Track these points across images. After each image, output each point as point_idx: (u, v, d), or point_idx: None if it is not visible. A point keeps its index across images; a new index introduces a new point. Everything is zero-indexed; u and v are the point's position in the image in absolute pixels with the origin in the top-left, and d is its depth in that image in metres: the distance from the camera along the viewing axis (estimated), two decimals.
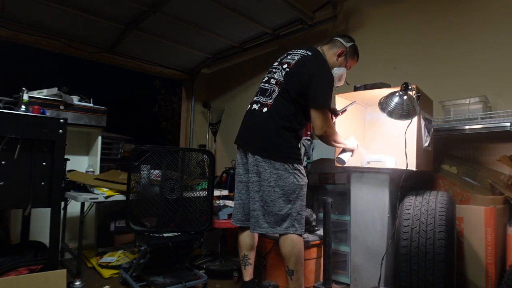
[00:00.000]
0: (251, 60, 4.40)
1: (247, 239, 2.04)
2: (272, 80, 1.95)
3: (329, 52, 2.04)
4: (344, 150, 2.07)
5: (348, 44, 2.05)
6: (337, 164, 2.12)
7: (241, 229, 2.06)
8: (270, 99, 1.89)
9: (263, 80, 2.02)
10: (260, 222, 1.85)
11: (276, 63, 2.04)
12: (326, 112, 1.84)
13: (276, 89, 1.89)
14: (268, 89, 1.93)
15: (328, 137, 1.89)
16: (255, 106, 1.95)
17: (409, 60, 2.89)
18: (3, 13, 3.19)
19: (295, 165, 1.86)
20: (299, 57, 1.93)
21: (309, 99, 1.84)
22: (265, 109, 1.88)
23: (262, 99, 1.93)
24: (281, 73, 1.92)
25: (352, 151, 2.08)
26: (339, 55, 2.03)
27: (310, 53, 1.94)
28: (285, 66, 1.94)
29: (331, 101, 1.91)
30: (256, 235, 2.07)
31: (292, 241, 1.82)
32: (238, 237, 2.07)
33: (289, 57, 1.98)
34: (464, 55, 2.61)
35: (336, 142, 1.95)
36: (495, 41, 2.46)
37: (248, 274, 2.03)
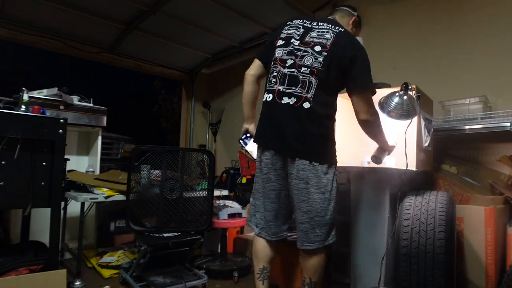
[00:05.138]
0: (251, 60, 4.39)
1: (268, 249, 1.74)
2: (303, 68, 1.61)
3: (343, 22, 1.80)
4: (381, 149, 1.83)
5: (356, 13, 1.88)
6: (372, 164, 1.94)
7: (261, 237, 1.76)
8: (309, 92, 1.58)
9: (284, 64, 1.66)
10: (310, 236, 1.62)
11: (294, 39, 1.67)
12: (371, 96, 1.66)
13: (313, 80, 1.59)
14: (298, 77, 1.61)
15: (373, 123, 1.67)
16: (288, 99, 1.61)
17: (409, 60, 2.89)
18: (3, 13, 3.19)
19: (335, 168, 1.69)
20: (332, 35, 1.62)
21: (353, 82, 1.61)
22: (306, 105, 1.58)
23: (296, 91, 1.60)
24: (315, 58, 1.60)
25: (389, 151, 1.86)
26: (353, 24, 1.85)
27: (341, 29, 1.66)
28: (317, 48, 1.61)
29: None
30: (275, 246, 1.78)
31: (322, 253, 1.68)
32: (255, 246, 1.77)
33: (314, 33, 1.66)
34: (464, 55, 2.61)
35: (380, 132, 1.74)
36: (495, 41, 2.47)
37: None
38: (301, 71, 1.61)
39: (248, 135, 1.91)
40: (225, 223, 2.60)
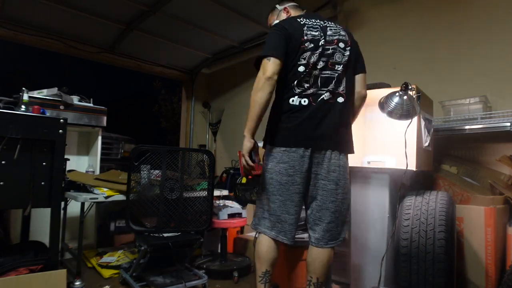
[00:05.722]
0: (251, 60, 4.40)
1: (273, 252, 1.69)
2: (336, 65, 1.67)
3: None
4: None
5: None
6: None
7: (266, 240, 1.69)
8: (340, 87, 1.69)
9: (316, 67, 1.64)
10: (335, 235, 1.68)
11: (321, 40, 1.67)
12: None
13: (343, 74, 1.69)
14: (333, 76, 1.67)
15: (364, 101, 1.86)
16: (321, 98, 1.63)
17: (409, 60, 2.89)
18: (3, 13, 3.19)
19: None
20: (343, 31, 1.77)
21: (361, 65, 1.81)
22: (340, 99, 1.68)
23: (329, 89, 1.65)
24: (342, 54, 1.70)
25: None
26: None
27: (339, 25, 1.82)
28: (342, 45, 1.71)
29: None
30: (279, 248, 1.72)
31: (332, 252, 1.71)
32: (260, 248, 1.70)
33: (330, 31, 1.71)
34: (464, 55, 2.61)
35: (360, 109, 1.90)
36: (495, 41, 2.47)
37: None
38: (335, 68, 1.68)
39: (254, 151, 1.68)
40: (225, 223, 2.60)
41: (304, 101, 1.64)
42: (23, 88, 2.17)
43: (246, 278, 2.56)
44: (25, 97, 2.12)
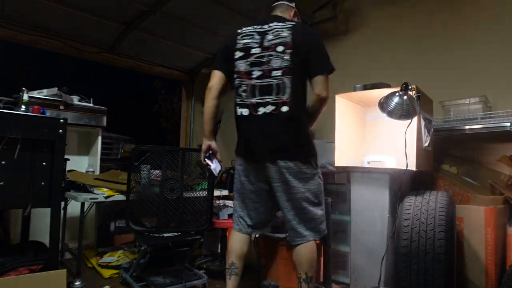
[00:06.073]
0: None
1: (239, 243, 1.81)
2: (273, 72, 1.64)
3: (286, 16, 1.82)
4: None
5: (293, 4, 1.87)
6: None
7: (233, 233, 1.85)
8: (284, 95, 1.63)
9: (250, 76, 1.69)
10: (300, 231, 1.70)
11: (254, 48, 1.69)
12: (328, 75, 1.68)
13: (286, 80, 1.63)
14: (271, 84, 1.65)
15: (326, 102, 1.69)
16: (264, 109, 1.66)
17: (409, 60, 2.89)
18: (3, 13, 3.19)
19: (317, 163, 1.76)
20: (288, 31, 1.66)
21: (318, 65, 1.65)
22: (284, 108, 1.63)
23: (272, 98, 1.64)
24: (281, 59, 1.63)
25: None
26: (294, 16, 1.86)
27: (293, 23, 1.71)
28: (280, 49, 1.64)
29: None
30: (248, 241, 1.84)
31: (313, 246, 1.73)
32: (228, 241, 1.87)
33: (270, 36, 1.68)
34: (464, 55, 2.61)
35: (321, 112, 1.75)
36: (495, 41, 2.47)
37: (231, 286, 1.75)
38: (272, 75, 1.65)
39: (211, 152, 1.87)
40: (225, 223, 2.60)
41: (245, 111, 1.73)
42: (23, 88, 2.16)
43: (246, 278, 2.56)
44: (25, 97, 2.11)
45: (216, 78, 1.81)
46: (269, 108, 1.65)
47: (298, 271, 1.73)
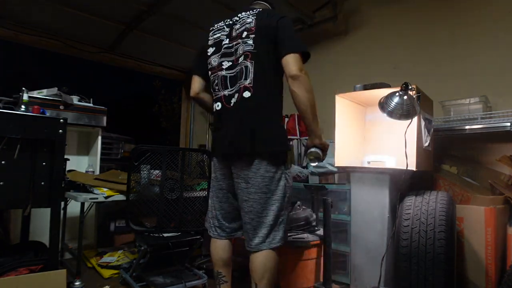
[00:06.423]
0: None
1: (220, 252, 1.69)
2: (240, 58, 1.58)
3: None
4: (315, 135, 1.58)
5: (269, 6, 1.83)
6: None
7: (212, 241, 1.74)
8: (247, 79, 1.53)
9: (221, 67, 1.64)
10: (251, 237, 1.54)
11: (223, 41, 1.68)
12: (301, 57, 1.52)
13: (249, 64, 1.54)
14: (236, 72, 1.58)
15: (305, 82, 1.48)
16: (234, 99, 1.58)
17: (409, 60, 2.89)
18: (3, 13, 3.19)
19: (286, 165, 1.59)
20: (253, 17, 1.62)
21: (285, 45, 1.52)
22: (246, 94, 1.53)
23: (235, 88, 1.57)
24: (244, 43, 1.58)
25: (323, 144, 1.60)
26: None
27: (259, 9, 1.67)
28: (245, 35, 1.59)
29: None
30: (231, 248, 1.73)
31: (274, 255, 1.54)
32: (210, 249, 1.75)
33: (237, 25, 1.66)
34: (464, 55, 2.61)
35: (311, 93, 1.49)
36: (495, 41, 2.47)
37: None
38: (239, 61, 1.58)
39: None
40: None
41: (218, 106, 1.65)
42: (23, 88, 2.17)
43: (246, 278, 2.56)
44: (25, 97, 2.12)
45: (196, 83, 1.80)
46: (235, 96, 1.57)
47: (252, 276, 1.58)
